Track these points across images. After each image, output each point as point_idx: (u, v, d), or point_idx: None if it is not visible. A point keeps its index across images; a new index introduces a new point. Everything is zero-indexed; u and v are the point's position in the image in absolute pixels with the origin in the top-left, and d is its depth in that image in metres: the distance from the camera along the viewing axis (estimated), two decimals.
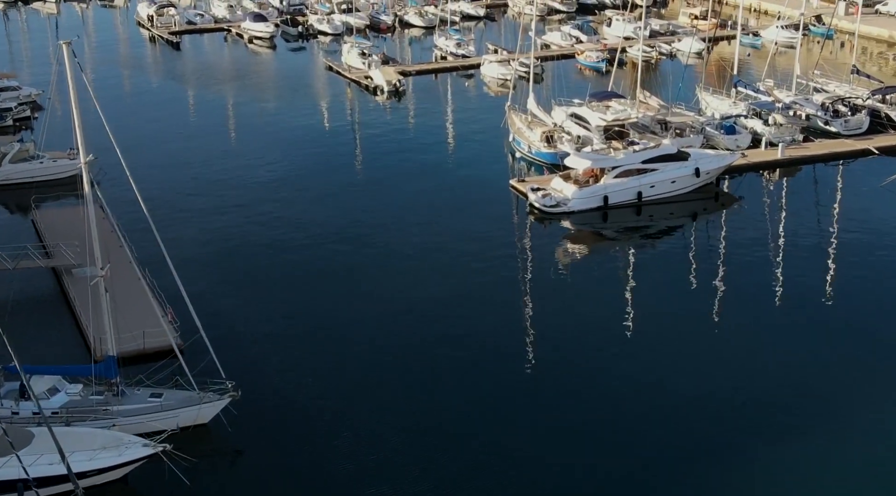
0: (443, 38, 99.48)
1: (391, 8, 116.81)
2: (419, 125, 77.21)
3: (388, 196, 61.63)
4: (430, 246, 54.13)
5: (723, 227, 57.98)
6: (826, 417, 37.68)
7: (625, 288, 49.57)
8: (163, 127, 75.65)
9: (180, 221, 56.87)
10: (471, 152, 69.84)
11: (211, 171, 65.98)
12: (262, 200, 60.19)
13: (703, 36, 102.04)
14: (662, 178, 58.89)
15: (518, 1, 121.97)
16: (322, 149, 70.70)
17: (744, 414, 37.83)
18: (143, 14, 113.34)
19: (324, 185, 63.24)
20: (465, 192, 61.88)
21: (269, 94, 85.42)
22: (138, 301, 41.98)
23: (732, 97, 74.31)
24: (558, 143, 66.16)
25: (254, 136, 73.45)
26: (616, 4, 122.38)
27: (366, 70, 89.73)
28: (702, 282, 49.67)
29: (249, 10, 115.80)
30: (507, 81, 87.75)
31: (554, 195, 58.16)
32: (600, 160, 58.22)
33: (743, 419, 37.45)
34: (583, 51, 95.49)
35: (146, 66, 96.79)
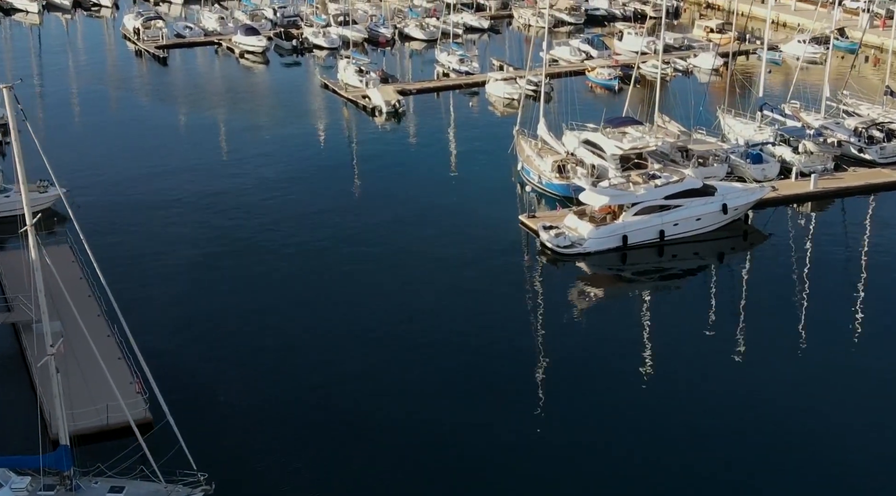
0: (445, 53, 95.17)
1: (390, 20, 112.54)
2: (420, 151, 72.91)
3: (385, 229, 57.60)
4: (430, 287, 50.29)
5: (752, 268, 53.82)
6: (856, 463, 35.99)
7: (644, 333, 46.04)
8: (143, 153, 71.21)
9: (162, 262, 52.65)
10: (476, 182, 65.45)
11: (194, 202, 61.60)
12: (250, 245, 55.73)
13: (721, 51, 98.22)
14: (687, 216, 54.58)
15: (524, 12, 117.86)
16: (316, 181, 66.16)
17: (768, 460, 35.92)
18: (129, 26, 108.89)
19: (318, 222, 58.91)
20: (469, 227, 57.56)
21: (259, 117, 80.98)
22: (103, 366, 37.66)
23: (757, 121, 69.92)
24: (571, 174, 61.87)
25: (241, 165, 68.99)
26: (627, 16, 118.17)
27: (363, 88, 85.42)
28: (727, 328, 46.16)
29: (241, 22, 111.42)
30: (513, 101, 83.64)
31: (568, 234, 53.82)
32: (619, 196, 53.86)
33: (767, 466, 35.68)
34: (594, 67, 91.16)
35: (130, 84, 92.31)
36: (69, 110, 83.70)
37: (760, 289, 50.76)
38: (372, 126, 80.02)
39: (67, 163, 68.08)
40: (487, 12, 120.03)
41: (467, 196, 62.96)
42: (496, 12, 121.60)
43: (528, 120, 67.94)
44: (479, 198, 62.37)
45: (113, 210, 60.08)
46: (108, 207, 60.47)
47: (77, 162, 68.80)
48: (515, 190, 64.50)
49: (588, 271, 53.27)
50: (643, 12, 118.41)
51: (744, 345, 44.47)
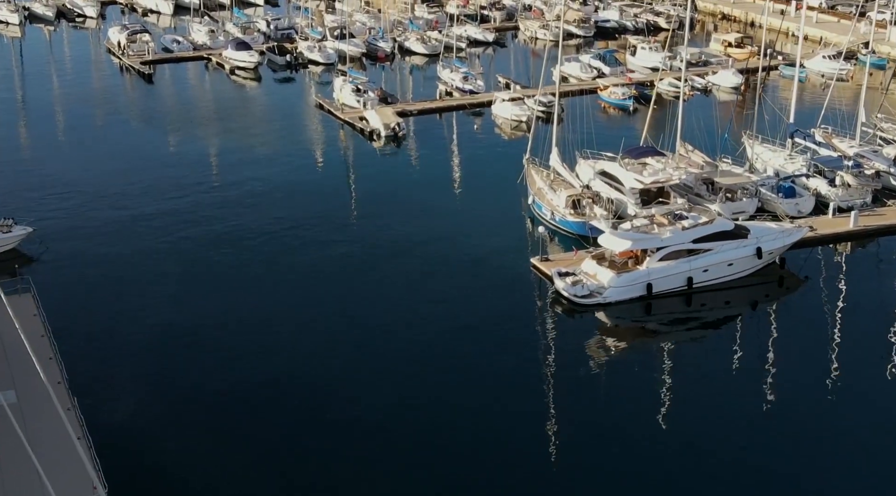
0: (447, 70, 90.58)
1: (389, 33, 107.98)
2: (420, 180, 68.23)
3: (381, 268, 53.43)
4: (430, 338, 46.06)
5: (788, 318, 49.38)
6: None
7: (669, 390, 42.17)
8: (122, 181, 66.59)
9: (140, 317, 47.97)
10: (482, 216, 60.78)
11: (176, 240, 57.00)
12: (236, 288, 51.28)
13: (741, 67, 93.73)
14: (718, 261, 49.96)
15: (530, 24, 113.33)
16: (308, 214, 61.46)
17: None
18: (113, 40, 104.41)
19: (309, 260, 54.52)
20: (475, 271, 53.03)
21: (248, 141, 76.24)
22: (58, 450, 33.10)
23: (787, 149, 65.28)
24: (587, 210, 57.27)
25: (226, 197, 64.29)
26: (638, 28, 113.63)
27: (360, 109, 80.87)
28: (759, 385, 42.23)
29: (233, 35, 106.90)
30: (521, 123, 79.15)
31: (586, 282, 49.20)
32: (642, 240, 49.20)
33: None
34: (606, 86, 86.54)
35: (112, 103, 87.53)
36: (45, 134, 79.05)
37: (798, 340, 46.40)
38: (370, 151, 75.42)
39: (39, 195, 64.12)
40: (492, 24, 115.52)
41: (472, 233, 58.31)
42: (501, 24, 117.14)
43: (539, 145, 63.33)
44: (486, 235, 57.75)
45: (87, 249, 55.44)
46: (82, 246, 55.83)
47: (50, 193, 64.37)
48: (525, 226, 59.87)
49: (608, 322, 48.67)
50: (655, 24, 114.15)
51: (779, 405, 40.74)
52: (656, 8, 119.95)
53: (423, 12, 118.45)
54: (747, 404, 40.83)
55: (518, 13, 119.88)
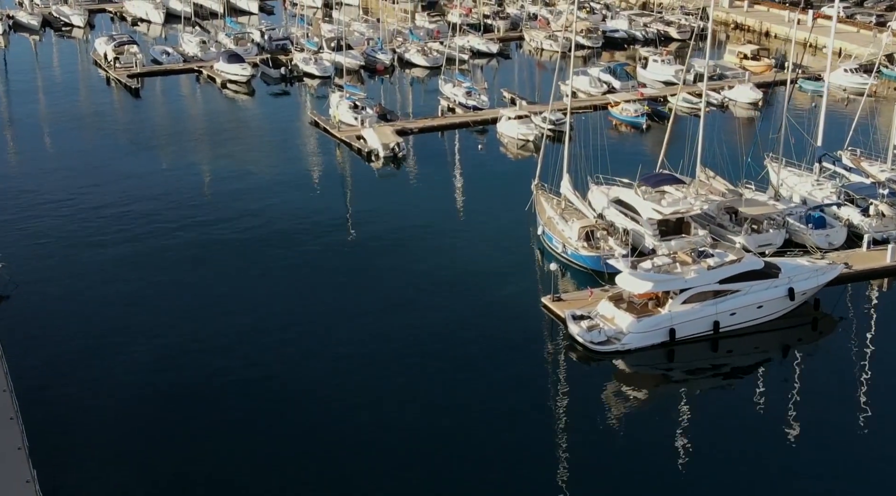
0: (449, 84, 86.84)
1: (389, 44, 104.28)
2: (421, 205, 64.39)
3: (378, 306, 49.82)
4: (431, 388, 42.71)
5: (822, 364, 45.89)
6: None
7: (693, 444, 38.96)
8: (101, 208, 62.95)
9: (117, 363, 44.34)
10: (487, 247, 57.02)
11: (160, 277, 53.32)
12: (222, 323, 47.65)
13: (759, 81, 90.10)
14: (746, 303, 46.23)
15: (536, 35, 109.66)
16: (299, 244, 57.94)
17: None
18: (100, 51, 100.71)
19: (302, 293, 51.08)
20: (480, 310, 49.40)
21: (238, 162, 72.49)
22: None
23: (815, 174, 61.54)
24: (601, 243, 53.56)
25: (213, 224, 60.68)
26: (648, 38, 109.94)
27: (358, 127, 77.21)
28: (789, 435, 39.28)
29: (225, 46, 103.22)
30: (528, 142, 75.47)
31: (602, 326, 45.45)
32: (664, 282, 45.44)
33: None
34: (617, 102, 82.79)
35: (96, 120, 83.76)
36: (23, 155, 75.40)
37: (833, 388, 42.86)
38: (367, 173, 71.67)
39: (11, 224, 60.48)
40: (496, 34, 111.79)
41: (477, 267, 54.59)
42: (505, 34, 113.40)
43: (548, 167, 59.57)
44: (492, 270, 54.01)
45: (61, 287, 51.74)
46: (56, 285, 52.12)
47: (24, 224, 60.66)
48: (535, 259, 56.16)
49: (627, 370, 44.94)
50: (667, 34, 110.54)
51: (813, 459, 37.82)
52: (667, 17, 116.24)
53: (424, 21, 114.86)
54: (778, 457, 37.78)
55: (522, 23, 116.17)
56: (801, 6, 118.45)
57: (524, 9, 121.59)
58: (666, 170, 61.15)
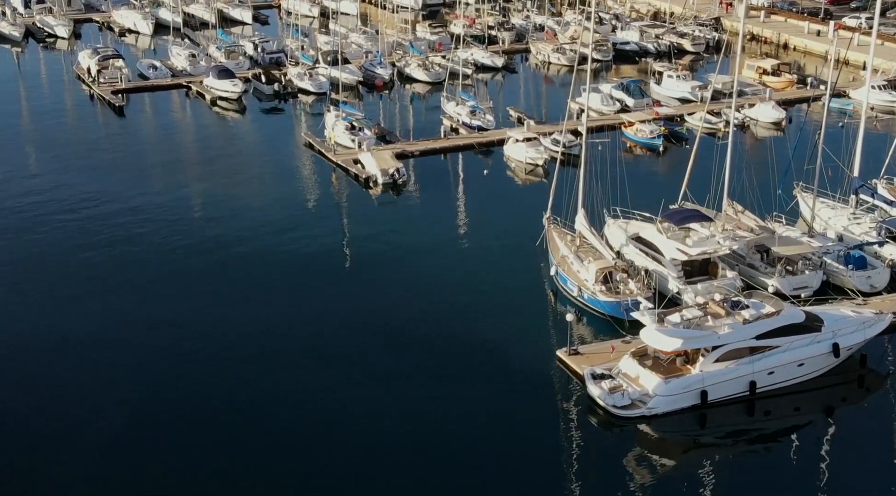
0: (452, 102, 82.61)
1: (388, 57, 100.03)
2: (422, 238, 60.09)
3: (375, 354, 45.77)
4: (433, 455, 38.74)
5: (870, 426, 41.49)
6: None
7: None
8: (77, 243, 58.80)
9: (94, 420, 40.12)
10: (494, 289, 52.71)
11: (142, 317, 49.12)
12: (208, 372, 43.45)
13: (781, 98, 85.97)
14: (786, 361, 41.98)
15: (542, 47, 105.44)
16: (293, 284, 53.77)
17: None
18: (84, 65, 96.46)
19: (293, 342, 47.00)
20: (486, 365, 45.20)
21: (225, 190, 68.01)
22: None
23: (851, 206, 57.29)
24: (621, 286, 49.32)
25: (197, 262, 56.44)
26: (661, 51, 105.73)
27: (355, 150, 73.01)
28: None
29: (215, 59, 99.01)
30: (538, 167, 71.26)
31: (626, 388, 41.18)
32: (696, 338, 41.16)
33: None
34: (631, 122, 78.50)
35: (75, 144, 79.00)
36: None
37: (882, 454, 38.95)
38: (365, 201, 67.38)
39: None
40: (500, 46, 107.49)
41: (482, 312, 50.34)
42: (510, 46, 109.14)
43: (561, 194, 55.27)
44: (499, 316, 49.72)
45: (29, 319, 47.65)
46: (22, 340, 47.98)
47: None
48: (547, 302, 51.88)
49: (654, 436, 40.70)
50: (680, 47, 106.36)
51: None
52: (680, 28, 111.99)
53: (426, 33, 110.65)
54: None
55: (528, 34, 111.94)
56: (820, 16, 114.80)
57: (530, 19, 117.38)
58: (689, 202, 57.07)
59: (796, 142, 60.00)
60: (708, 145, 58.12)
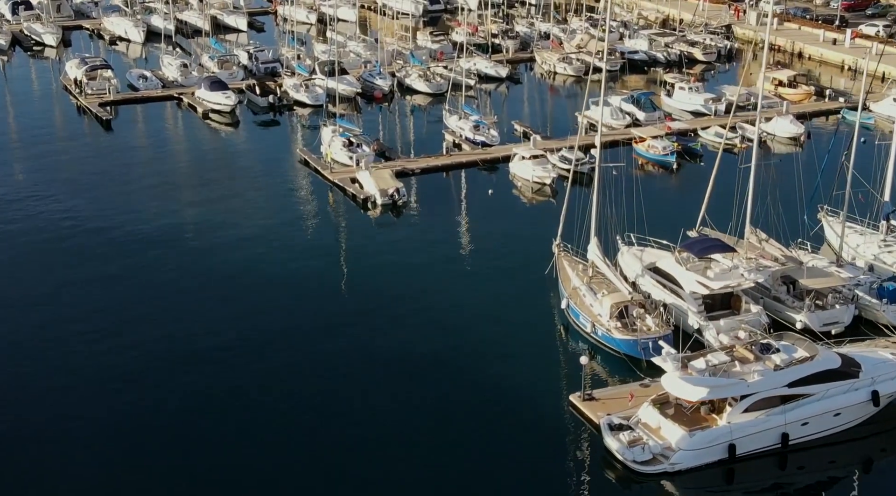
0: (455, 116, 79.39)
1: (388, 66, 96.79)
2: (423, 264, 56.97)
3: (371, 401, 42.49)
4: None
5: None
6: None
7: None
8: (55, 275, 55.63)
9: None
10: (500, 323, 49.62)
11: (123, 359, 45.95)
12: (197, 413, 40.23)
13: (799, 111, 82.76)
14: (821, 411, 38.81)
15: (548, 57, 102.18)
16: (285, 314, 50.72)
17: None
18: (71, 75, 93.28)
19: (287, 377, 44.00)
20: (492, 411, 42.09)
21: (216, 212, 64.72)
22: None
23: (882, 232, 54.07)
24: (638, 321, 46.14)
25: (183, 291, 53.31)
26: (671, 60, 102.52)
27: (353, 168, 69.85)
28: None
29: (208, 70, 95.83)
30: (545, 186, 68.07)
31: (647, 440, 37.96)
32: (723, 387, 37.92)
33: None
34: (643, 137, 75.23)
35: (58, 159, 75.73)
36: None
37: None
38: (363, 224, 64.14)
39: None
40: (504, 55, 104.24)
41: (487, 347, 47.30)
42: (514, 55, 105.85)
43: (571, 217, 52.02)
44: (505, 353, 46.64)
45: None
46: None
47: None
48: (558, 339, 48.67)
49: (677, 493, 37.50)
50: (691, 56, 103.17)
51: None
52: (690, 37, 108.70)
53: (427, 41, 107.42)
54: None
55: (533, 42, 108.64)
56: (836, 24, 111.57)
57: (534, 26, 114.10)
58: (707, 228, 53.94)
59: (824, 163, 56.63)
60: (727, 165, 54.69)
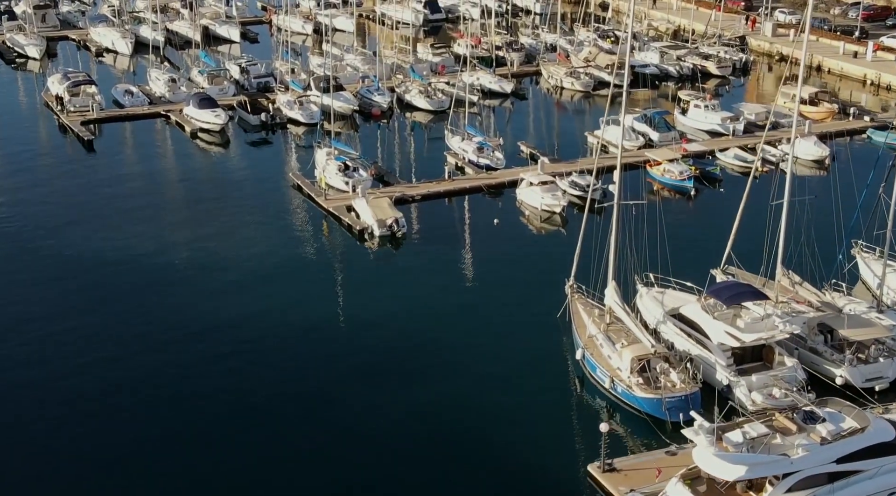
0: (457, 137, 75.51)
1: (387, 81, 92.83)
2: (423, 303, 53.19)
3: (369, 457, 38.86)
4: None
5: None
6: None
7: None
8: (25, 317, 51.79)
9: None
10: (507, 375, 45.79)
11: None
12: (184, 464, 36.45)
13: (822, 131, 78.83)
14: (873, 490, 34.86)
15: (555, 71, 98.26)
16: (264, 355, 46.94)
17: None
18: (53, 90, 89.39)
19: (281, 427, 40.12)
20: (495, 478, 38.17)
21: (200, 244, 60.83)
22: None
23: None
24: (662, 377, 42.22)
25: (164, 331, 49.40)
26: (684, 75, 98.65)
27: (349, 193, 66.03)
28: None
29: (198, 85, 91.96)
30: (555, 214, 64.20)
31: None
32: (763, 465, 33.94)
33: None
34: (658, 161, 71.24)
35: (35, 183, 72.00)
36: None
37: None
38: (359, 257, 60.22)
39: None
40: (509, 68, 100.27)
41: (492, 404, 43.47)
42: (520, 68, 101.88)
43: (592, 270, 48.09)
44: (513, 413, 42.73)
45: None
46: None
47: None
48: (573, 396, 44.73)
49: None
50: (704, 70, 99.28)
51: None
52: (703, 49, 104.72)
53: (427, 54, 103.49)
54: None
55: (539, 55, 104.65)
56: (856, 36, 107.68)
57: (540, 37, 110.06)
58: (734, 266, 50.05)
59: (863, 198, 52.57)
60: (754, 198, 50.68)
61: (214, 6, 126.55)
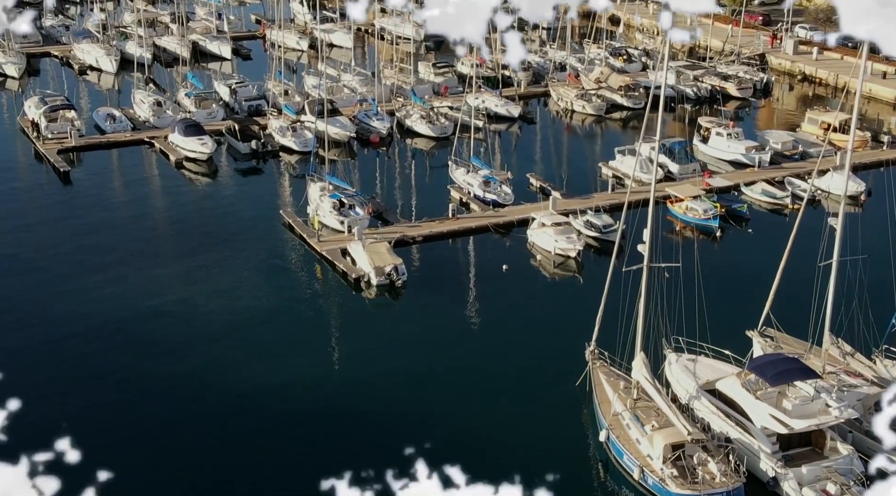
0: (462, 169, 70.69)
1: (386, 103, 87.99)
2: (422, 364, 48.46)
3: None
4: None
5: None
6: None
7: None
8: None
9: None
10: (519, 454, 40.73)
11: None
12: None
13: (857, 162, 73.76)
14: None
15: (564, 93, 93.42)
16: (245, 416, 41.80)
17: None
18: (30, 115, 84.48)
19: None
20: None
21: (178, 292, 56.07)
22: None
23: None
24: (699, 468, 37.32)
25: (138, 385, 44.46)
26: (701, 97, 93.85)
27: (344, 234, 61.28)
28: None
29: (184, 108, 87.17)
30: (570, 259, 59.34)
31: None
32: None
33: None
34: (680, 198, 66.28)
35: (4, 223, 67.29)
36: None
37: None
38: (355, 309, 55.41)
39: None
40: (516, 89, 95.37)
41: None
42: (527, 89, 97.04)
43: (612, 312, 43.30)
44: None
45: None
46: None
47: None
48: (595, 481, 39.74)
49: None
50: (724, 91, 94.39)
51: None
52: (722, 69, 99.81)
53: (429, 74, 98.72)
54: None
55: (547, 75, 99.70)
56: (882, 54, 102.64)
57: (547, 55, 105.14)
58: (772, 328, 45.17)
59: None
60: (796, 257, 45.79)
61: (205, 20, 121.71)
